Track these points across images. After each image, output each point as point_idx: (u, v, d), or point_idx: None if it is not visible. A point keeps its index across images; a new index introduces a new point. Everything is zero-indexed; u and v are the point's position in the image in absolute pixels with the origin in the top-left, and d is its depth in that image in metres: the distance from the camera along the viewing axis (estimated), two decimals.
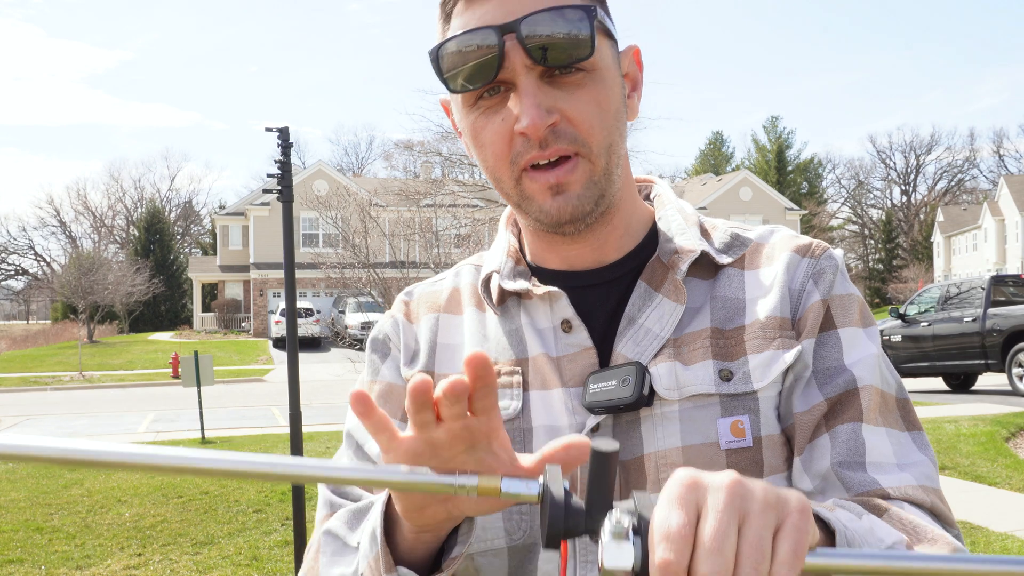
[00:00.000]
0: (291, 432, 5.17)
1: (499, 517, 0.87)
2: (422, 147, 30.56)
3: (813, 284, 0.90)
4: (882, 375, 0.88)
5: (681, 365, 0.86)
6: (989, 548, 5.28)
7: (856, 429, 0.83)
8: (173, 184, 71.70)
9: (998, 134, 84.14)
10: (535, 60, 0.81)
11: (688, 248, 0.92)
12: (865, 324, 0.90)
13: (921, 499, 0.81)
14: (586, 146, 0.84)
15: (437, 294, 1.03)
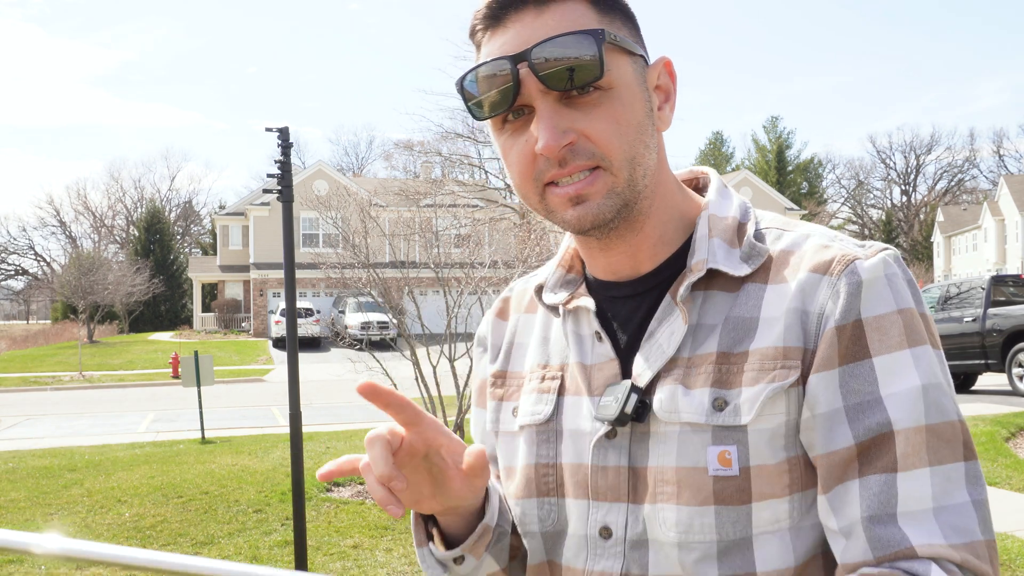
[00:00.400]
0: (291, 432, 5.16)
1: (534, 505, 0.97)
2: (422, 147, 30.60)
3: (832, 306, 0.83)
4: (930, 405, 0.81)
5: (683, 389, 0.88)
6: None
7: (890, 480, 0.80)
8: (173, 184, 71.75)
9: (998, 134, 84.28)
10: (547, 85, 0.85)
11: (697, 266, 0.90)
12: (913, 343, 0.82)
13: (951, 557, 0.78)
14: (606, 160, 0.87)
15: (526, 292, 1.09)
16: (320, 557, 5.60)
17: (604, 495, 0.91)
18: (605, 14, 0.89)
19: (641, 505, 0.88)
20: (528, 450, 0.98)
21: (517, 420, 1.00)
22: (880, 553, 0.79)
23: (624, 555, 0.89)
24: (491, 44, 0.89)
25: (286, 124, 5.25)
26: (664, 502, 0.86)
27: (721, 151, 74.28)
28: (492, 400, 1.05)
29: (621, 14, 0.91)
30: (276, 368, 26.97)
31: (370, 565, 5.44)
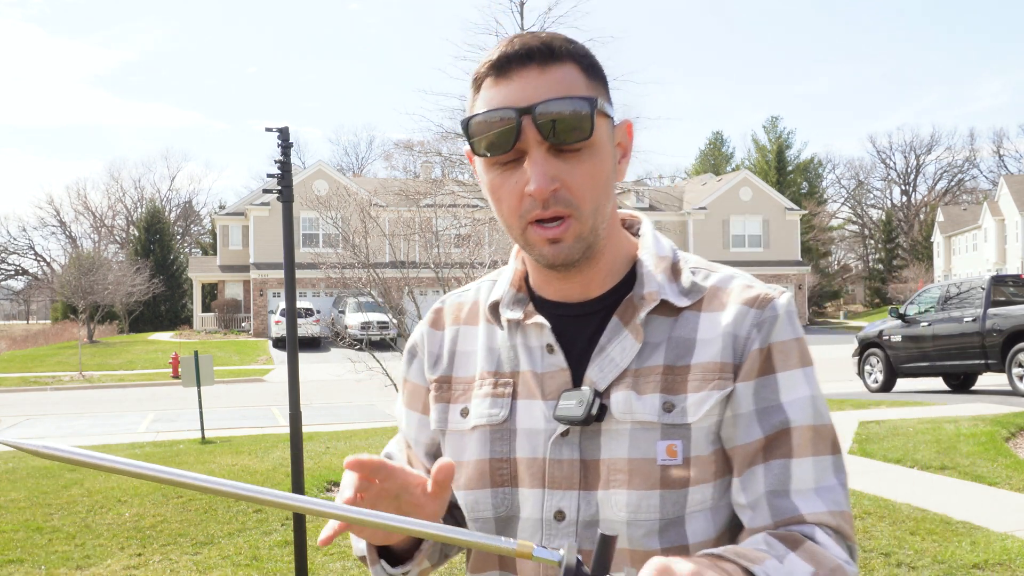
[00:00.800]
0: (291, 432, 5.16)
1: (488, 494, 1.12)
2: (422, 147, 30.56)
3: (756, 332, 1.07)
4: (816, 411, 1.06)
5: (635, 395, 1.06)
6: (989, 548, 5.28)
7: (786, 464, 1.04)
8: (173, 184, 71.78)
9: (998, 134, 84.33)
10: (545, 137, 1.01)
11: (651, 296, 1.10)
12: (803, 364, 1.07)
13: (829, 522, 1.01)
14: (578, 210, 1.05)
15: (461, 306, 1.25)
16: (320, 557, 5.60)
17: (559, 484, 1.07)
18: (592, 80, 1.07)
19: (592, 491, 1.06)
20: (480, 447, 1.14)
21: (468, 421, 1.15)
22: (778, 519, 1.02)
23: (577, 534, 1.07)
24: (494, 91, 1.04)
25: (286, 124, 5.24)
26: (616, 487, 1.04)
27: (721, 151, 74.22)
28: (437, 404, 1.20)
29: (602, 81, 1.09)
30: (276, 368, 26.98)
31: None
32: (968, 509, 6.24)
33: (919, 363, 14.11)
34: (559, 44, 1.05)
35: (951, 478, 7.40)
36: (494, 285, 1.23)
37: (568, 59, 1.05)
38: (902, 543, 5.44)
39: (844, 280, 66.36)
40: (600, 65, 1.09)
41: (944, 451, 8.35)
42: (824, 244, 60.96)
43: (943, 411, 11.25)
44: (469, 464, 1.14)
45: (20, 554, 5.98)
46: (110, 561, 5.75)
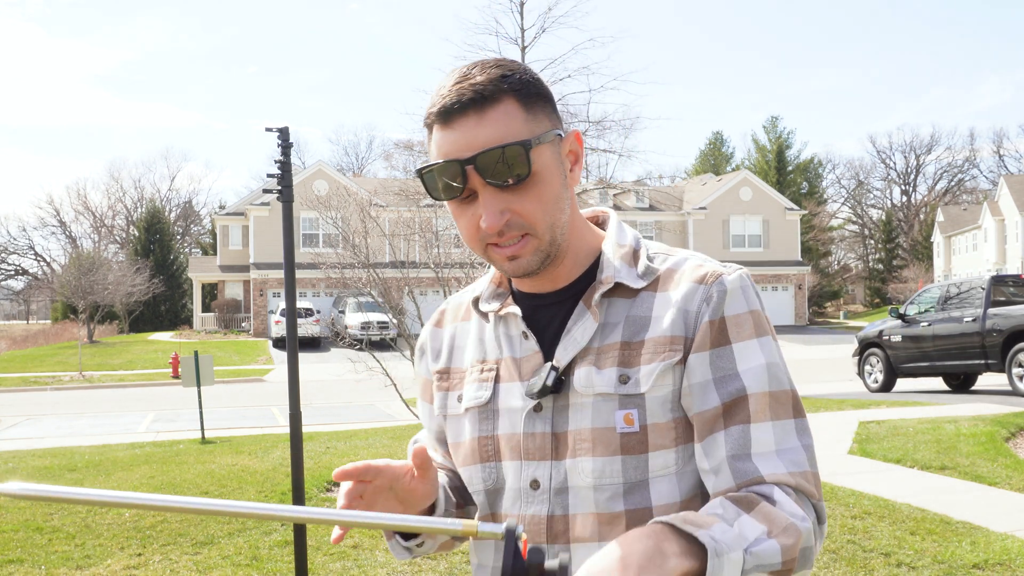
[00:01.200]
0: (291, 432, 5.16)
1: (479, 469, 1.24)
2: (422, 147, 30.52)
3: (706, 306, 1.15)
4: (772, 377, 1.13)
5: (595, 370, 1.16)
6: (989, 548, 5.28)
7: (745, 429, 1.11)
8: (173, 184, 71.76)
9: (998, 134, 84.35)
10: (487, 181, 1.12)
11: (607, 279, 1.20)
12: (759, 334, 1.15)
13: (788, 481, 1.08)
14: (533, 229, 1.15)
15: (460, 306, 1.36)
16: (320, 557, 5.60)
17: (533, 455, 1.18)
18: (530, 108, 1.15)
19: (563, 461, 1.16)
20: (472, 427, 1.25)
21: (462, 404, 1.27)
22: (739, 480, 1.09)
23: (549, 500, 1.17)
24: (441, 138, 1.14)
25: (286, 124, 5.23)
26: (582, 456, 1.14)
27: (721, 151, 74.21)
28: (439, 392, 1.32)
29: (542, 99, 1.17)
30: (276, 368, 26.97)
31: (370, 565, 5.44)
32: (968, 509, 6.23)
33: (919, 363, 14.11)
34: (492, 86, 1.12)
35: (951, 478, 7.39)
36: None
37: (503, 96, 1.13)
38: (902, 543, 5.44)
39: (844, 280, 66.36)
40: (540, 85, 1.17)
41: (944, 451, 8.35)
42: (824, 244, 60.95)
43: (943, 411, 11.24)
44: (464, 443, 1.26)
45: (20, 554, 5.98)
46: (110, 561, 5.75)
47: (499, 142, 1.11)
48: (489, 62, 1.17)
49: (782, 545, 1.01)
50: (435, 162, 1.13)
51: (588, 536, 1.15)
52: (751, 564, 0.98)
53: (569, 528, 1.16)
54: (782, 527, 1.02)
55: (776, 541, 1.01)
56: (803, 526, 1.04)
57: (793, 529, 1.03)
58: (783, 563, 1.01)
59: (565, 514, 1.16)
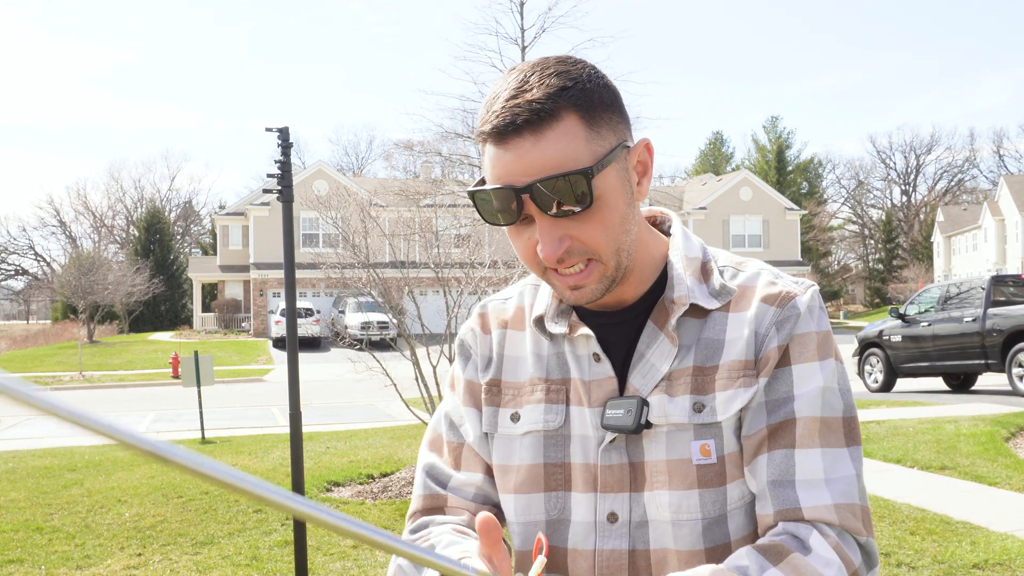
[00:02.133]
0: (291, 432, 5.16)
1: (541, 498, 1.14)
2: (422, 147, 30.55)
3: (776, 331, 1.08)
4: (825, 402, 1.07)
5: (667, 398, 1.09)
6: (989, 548, 5.28)
7: (789, 454, 1.05)
8: (173, 184, 71.75)
9: (998, 134, 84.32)
10: (545, 212, 1.02)
11: (680, 300, 1.12)
12: (822, 356, 1.09)
13: (831, 519, 1.02)
14: (597, 255, 1.06)
15: (504, 311, 1.26)
16: (320, 557, 5.60)
17: (610, 487, 1.10)
18: (593, 122, 1.04)
19: (641, 493, 1.09)
20: (535, 452, 1.16)
21: (520, 426, 1.17)
22: (779, 508, 1.03)
23: (629, 534, 1.10)
24: (495, 157, 1.04)
25: (286, 124, 5.24)
26: (659, 488, 1.08)
27: (721, 151, 74.21)
28: (487, 406, 1.21)
29: (607, 110, 1.06)
30: (276, 368, 26.97)
31: (370, 565, 5.44)
32: (968, 509, 6.23)
33: (919, 363, 14.11)
34: (551, 102, 1.01)
35: (951, 478, 7.39)
36: (536, 292, 1.24)
37: (563, 111, 1.02)
38: (902, 543, 5.44)
39: (844, 280, 66.37)
40: (604, 90, 1.06)
41: (944, 451, 8.35)
42: (824, 244, 60.97)
43: (943, 411, 11.24)
44: (521, 469, 1.16)
45: (20, 554, 5.98)
46: (110, 561, 5.75)
47: (558, 167, 1.01)
48: (549, 67, 1.05)
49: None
50: (487, 187, 1.05)
51: (669, 570, 1.09)
52: None
53: (651, 564, 1.10)
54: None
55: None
56: (839, 563, 0.99)
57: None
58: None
59: (647, 548, 1.10)
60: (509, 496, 1.17)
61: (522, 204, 1.03)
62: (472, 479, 1.20)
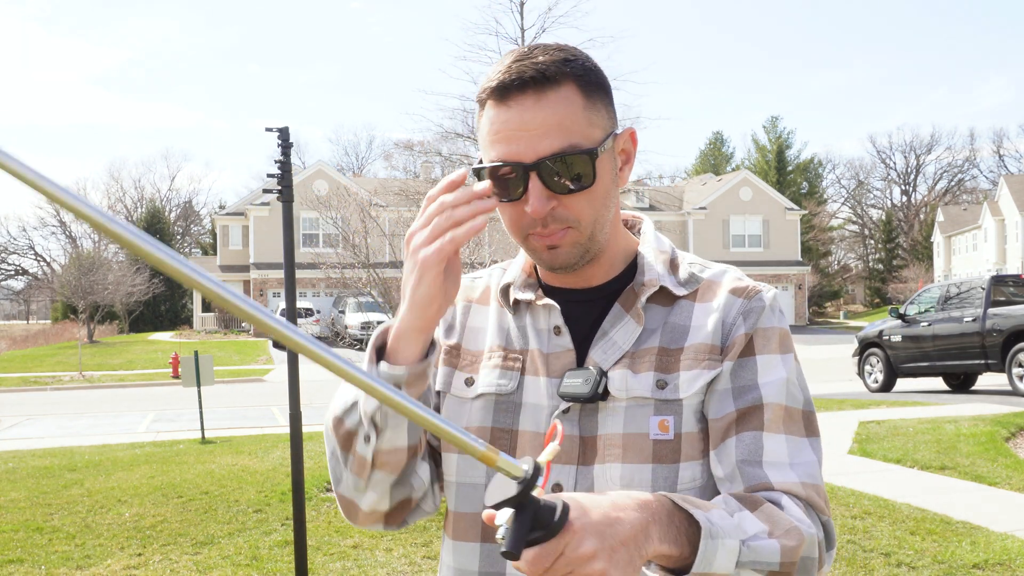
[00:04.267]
0: (291, 432, 5.16)
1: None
2: (422, 147, 30.52)
3: (743, 320, 1.14)
4: (789, 393, 1.12)
5: (631, 373, 1.13)
6: (989, 548, 5.28)
7: (757, 436, 1.09)
8: (173, 184, 71.74)
9: (998, 134, 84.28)
10: (549, 188, 1.08)
11: (651, 283, 1.17)
12: (783, 351, 1.14)
13: (799, 492, 1.06)
14: (577, 223, 1.11)
15: (473, 288, 1.30)
16: (320, 557, 5.60)
17: (558, 459, 1.12)
18: (590, 97, 1.10)
19: (590, 466, 1.11)
20: (483, 414, 1.18)
21: (474, 388, 1.20)
22: (748, 484, 1.06)
23: None
24: (495, 115, 1.09)
25: (286, 124, 5.24)
26: (611, 461, 1.10)
27: (721, 151, 74.19)
28: (444, 366, 1.24)
29: (602, 91, 1.13)
30: (276, 368, 26.96)
31: (370, 565, 5.44)
32: (968, 509, 6.23)
33: (919, 363, 14.10)
34: (554, 67, 1.08)
35: (951, 478, 7.39)
36: (504, 272, 1.29)
37: (565, 81, 1.08)
38: (902, 543, 5.44)
39: (844, 280, 66.35)
40: (601, 74, 1.13)
41: (944, 451, 8.35)
42: (824, 244, 60.95)
43: (943, 411, 11.24)
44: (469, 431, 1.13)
45: (20, 554, 5.98)
46: (110, 561, 5.75)
47: (556, 129, 1.07)
48: (551, 46, 1.12)
49: (782, 545, 0.98)
50: (497, 163, 1.09)
51: None
52: (747, 558, 0.95)
53: None
54: (784, 529, 1.00)
55: (777, 541, 0.98)
56: (807, 532, 1.01)
57: (796, 532, 1.00)
58: (781, 564, 0.98)
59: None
60: (452, 455, 1.20)
61: (526, 184, 1.07)
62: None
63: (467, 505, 1.18)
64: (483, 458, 0.82)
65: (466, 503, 1.19)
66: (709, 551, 0.92)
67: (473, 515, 1.18)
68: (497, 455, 0.82)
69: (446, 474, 1.21)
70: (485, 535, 1.17)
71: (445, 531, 1.24)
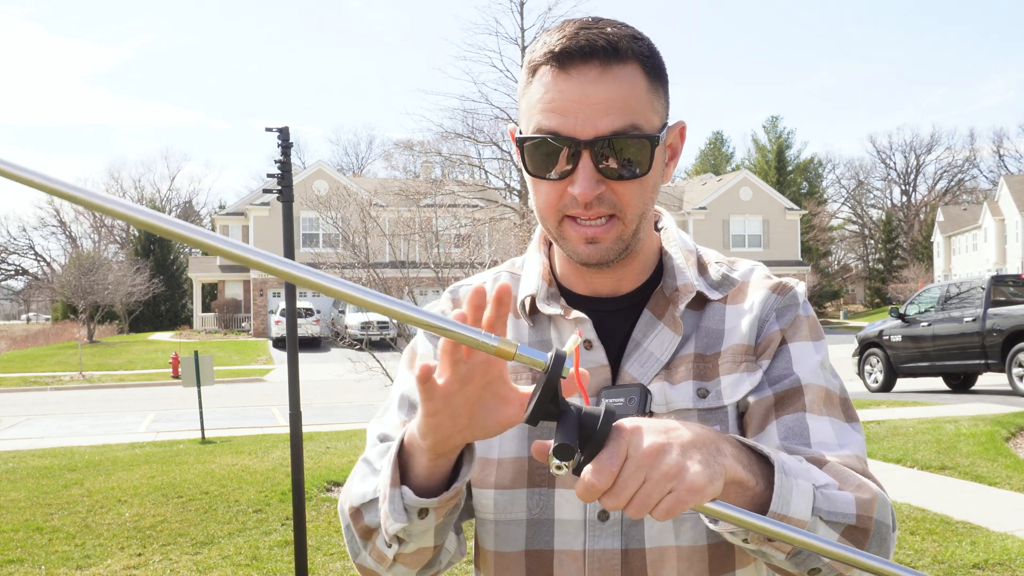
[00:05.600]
0: (291, 432, 5.16)
1: (524, 494, 1.08)
2: (422, 147, 30.53)
3: (776, 317, 1.09)
4: (826, 377, 1.07)
5: (669, 385, 1.06)
6: (989, 548, 5.28)
7: (800, 418, 1.03)
8: (173, 184, 71.77)
9: (998, 134, 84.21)
10: (599, 172, 0.99)
11: (687, 288, 1.10)
12: (814, 338, 1.10)
13: (855, 465, 0.99)
14: (623, 212, 1.03)
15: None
16: (320, 557, 5.60)
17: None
18: (653, 82, 1.02)
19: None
20: (520, 445, 1.09)
21: None
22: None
23: (622, 533, 1.05)
24: (551, 83, 0.99)
25: (286, 124, 5.24)
26: None
27: (721, 151, 74.19)
28: None
29: (662, 79, 1.05)
30: (276, 368, 26.96)
31: None
32: (968, 509, 6.24)
33: (919, 363, 14.11)
34: (625, 43, 1.00)
35: (951, 478, 7.39)
36: (514, 277, 1.20)
37: (632, 59, 1.00)
38: (902, 543, 5.45)
39: (844, 280, 66.35)
40: (662, 61, 1.05)
41: (944, 451, 8.35)
42: (824, 244, 60.97)
43: (943, 411, 11.24)
44: (504, 462, 1.09)
45: (20, 554, 5.98)
46: (110, 561, 5.75)
47: (617, 110, 0.98)
48: (618, 21, 1.04)
49: (857, 498, 0.92)
50: (547, 136, 0.99)
51: (668, 572, 1.04)
52: (822, 505, 0.88)
53: (647, 563, 1.04)
54: (855, 484, 0.93)
55: (850, 493, 0.91)
56: (879, 490, 0.95)
57: (868, 488, 0.93)
58: (858, 517, 0.91)
59: (641, 548, 1.04)
60: (488, 492, 1.10)
61: (577, 162, 0.99)
62: None
63: (510, 544, 1.10)
64: (500, 353, 0.74)
65: (508, 542, 1.10)
66: (785, 488, 0.85)
67: (517, 554, 1.09)
68: (515, 347, 0.74)
69: (481, 511, 1.12)
70: (531, 573, 1.09)
71: (480, 569, 1.16)
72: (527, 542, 1.08)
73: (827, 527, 0.89)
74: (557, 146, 0.99)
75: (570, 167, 0.99)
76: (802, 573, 0.92)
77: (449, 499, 0.95)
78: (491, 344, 0.74)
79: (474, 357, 0.83)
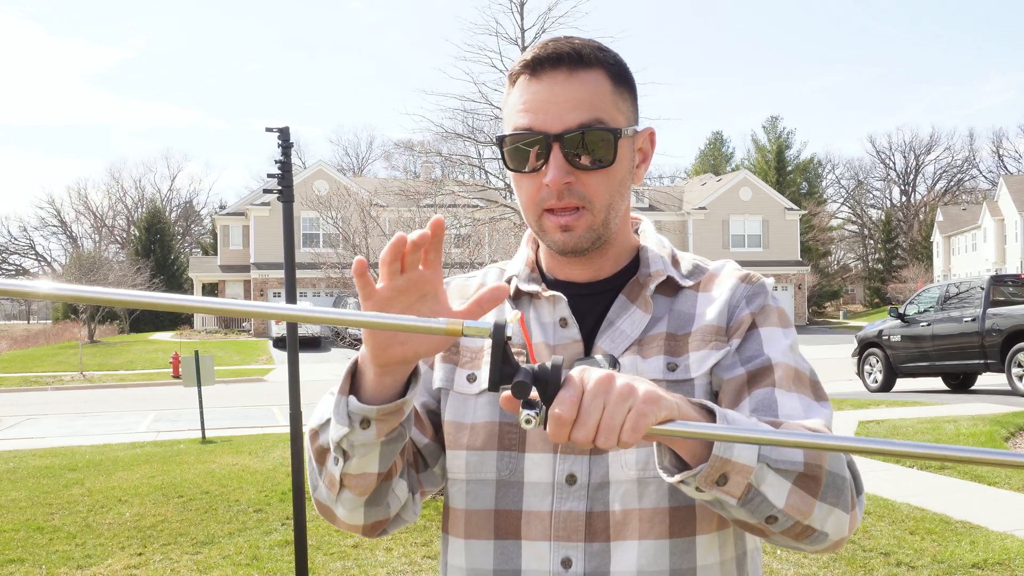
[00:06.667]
0: (291, 432, 5.16)
1: (494, 456, 1.17)
2: (422, 147, 30.49)
3: (746, 303, 1.18)
4: (795, 359, 1.14)
5: (640, 358, 1.15)
6: (989, 548, 5.28)
7: (770, 392, 1.10)
8: (173, 184, 71.80)
9: (997, 134, 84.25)
10: (569, 163, 1.11)
11: (658, 273, 1.20)
12: (783, 325, 1.18)
13: (822, 429, 1.05)
14: (591, 203, 1.13)
15: (467, 287, 1.31)
16: (320, 557, 5.61)
17: (570, 449, 1.13)
18: (617, 86, 1.15)
19: (604, 455, 1.12)
20: (491, 410, 1.18)
21: (476, 386, 1.20)
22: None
23: (588, 496, 1.12)
24: (525, 88, 1.13)
25: (286, 124, 5.24)
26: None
27: (721, 151, 74.18)
28: (444, 363, 1.24)
29: (629, 87, 1.17)
30: (276, 368, 26.96)
31: (370, 565, 5.45)
32: (968, 509, 6.24)
33: (919, 363, 14.11)
34: (589, 51, 1.13)
35: (951, 478, 7.40)
36: (501, 271, 1.31)
37: (597, 65, 1.13)
38: (902, 543, 5.45)
39: (844, 280, 66.33)
40: (629, 72, 1.18)
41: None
42: (824, 244, 60.92)
43: (943, 411, 11.24)
44: (476, 426, 1.18)
45: (21, 553, 5.98)
46: (111, 561, 5.76)
47: (583, 107, 1.10)
48: (587, 39, 1.17)
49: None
50: (518, 131, 1.13)
51: (630, 534, 1.11)
52: (769, 452, 0.95)
53: (610, 525, 1.12)
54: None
55: None
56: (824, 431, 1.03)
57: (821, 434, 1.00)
58: (806, 465, 0.97)
59: (605, 510, 1.12)
60: (460, 452, 1.19)
61: (548, 154, 1.11)
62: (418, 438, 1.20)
63: (479, 502, 1.17)
64: (449, 331, 0.82)
65: (478, 500, 1.17)
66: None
67: (486, 512, 1.17)
68: (462, 323, 0.82)
69: (453, 471, 1.20)
70: (499, 532, 1.16)
71: (449, 531, 1.22)
72: (496, 501, 1.17)
73: (776, 475, 0.96)
74: (531, 140, 1.11)
75: (542, 161, 1.11)
76: (759, 522, 0.98)
77: (389, 412, 1.02)
78: (440, 327, 0.81)
79: (411, 270, 0.94)
